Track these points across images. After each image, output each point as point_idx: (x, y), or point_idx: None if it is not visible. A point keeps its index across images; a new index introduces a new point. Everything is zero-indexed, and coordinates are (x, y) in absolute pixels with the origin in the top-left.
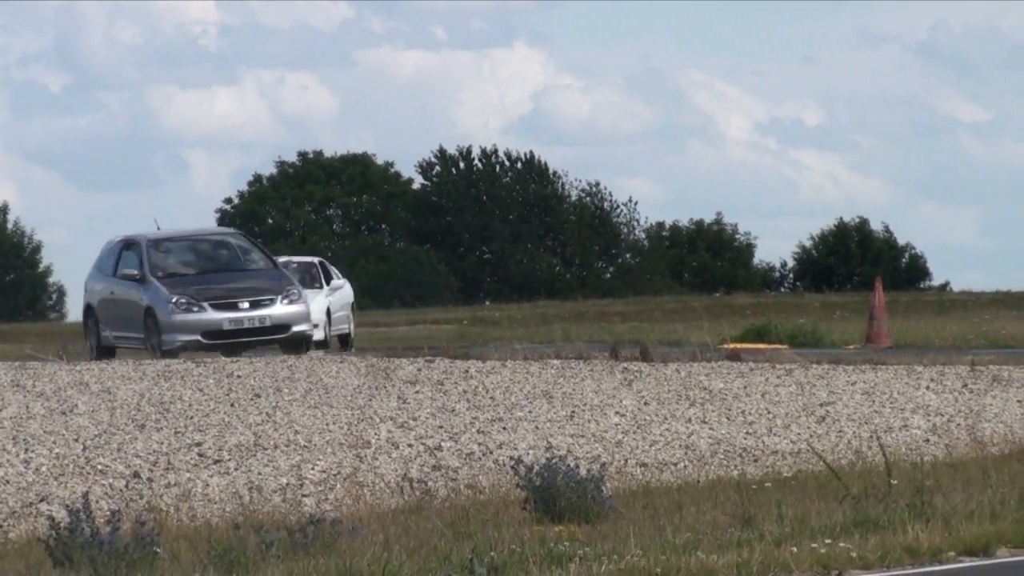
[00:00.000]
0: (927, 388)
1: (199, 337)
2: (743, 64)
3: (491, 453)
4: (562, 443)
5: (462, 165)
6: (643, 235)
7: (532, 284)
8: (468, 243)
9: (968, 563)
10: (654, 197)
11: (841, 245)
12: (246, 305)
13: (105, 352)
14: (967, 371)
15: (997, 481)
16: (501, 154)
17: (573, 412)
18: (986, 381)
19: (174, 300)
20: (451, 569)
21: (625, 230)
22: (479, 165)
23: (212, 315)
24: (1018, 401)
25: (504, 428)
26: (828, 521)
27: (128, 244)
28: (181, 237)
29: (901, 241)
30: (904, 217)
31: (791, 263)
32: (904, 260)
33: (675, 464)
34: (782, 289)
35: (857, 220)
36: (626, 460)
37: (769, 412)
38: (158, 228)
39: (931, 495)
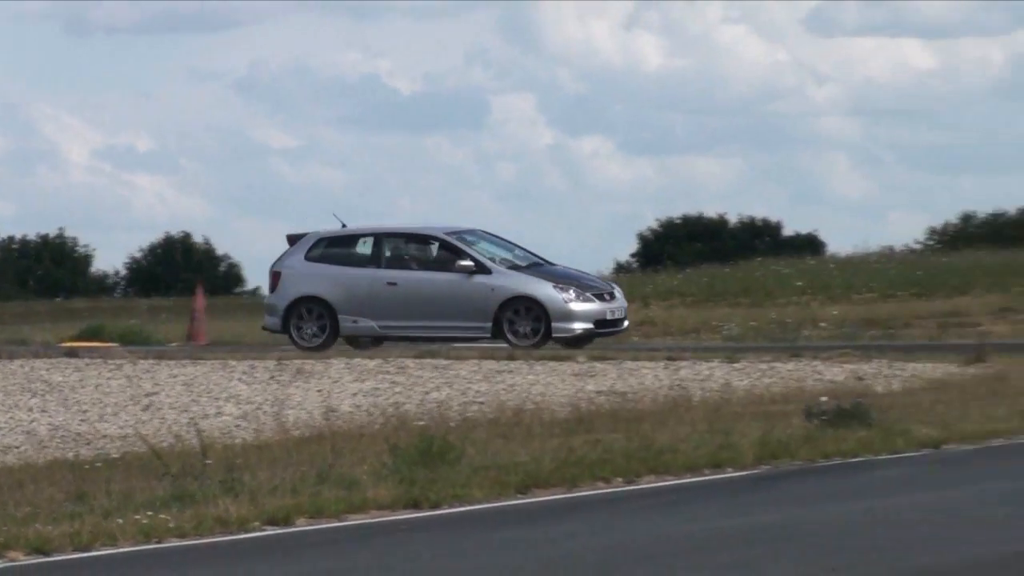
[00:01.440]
0: (239, 380)
1: (592, 325)
2: (87, 98)
3: None
4: None
5: None
6: None
7: None
8: None
9: (271, 531)
10: (6, 214)
11: (168, 255)
12: (607, 297)
13: (324, 342)
14: (274, 364)
15: (298, 460)
16: None
17: None
18: (291, 373)
19: (569, 290)
20: None
21: None
22: None
23: (599, 305)
24: (317, 391)
25: None
26: (151, 496)
27: (397, 236)
28: (463, 231)
29: (220, 252)
30: (223, 231)
31: (124, 271)
32: (222, 268)
33: (18, 448)
34: (115, 294)
35: (182, 234)
36: None
37: (101, 401)
38: (343, 225)
39: (240, 473)
